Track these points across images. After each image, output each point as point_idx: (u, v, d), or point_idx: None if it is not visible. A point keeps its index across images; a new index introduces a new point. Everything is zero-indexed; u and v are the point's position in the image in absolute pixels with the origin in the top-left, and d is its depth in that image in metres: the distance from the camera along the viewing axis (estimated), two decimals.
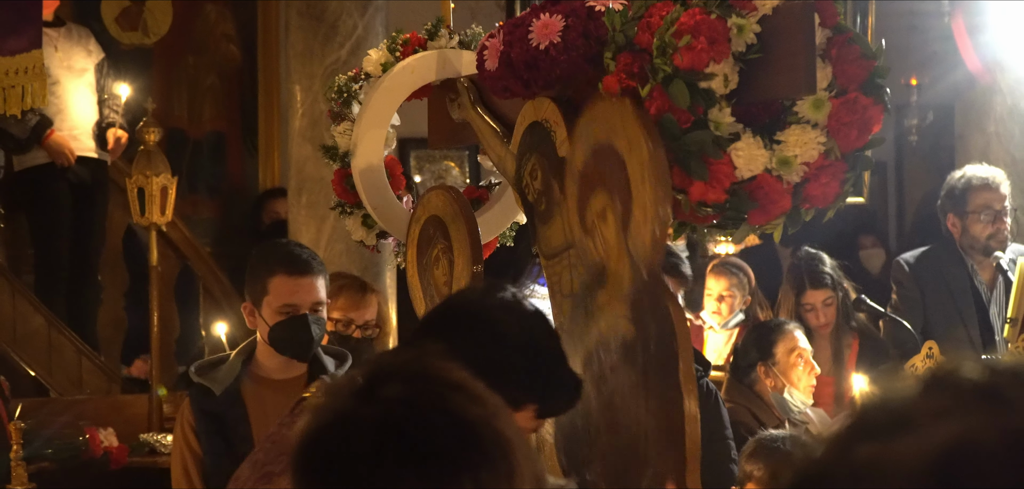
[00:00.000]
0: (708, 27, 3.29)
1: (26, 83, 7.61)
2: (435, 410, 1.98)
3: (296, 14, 7.92)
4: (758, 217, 3.37)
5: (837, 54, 3.40)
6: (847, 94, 3.39)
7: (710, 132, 3.30)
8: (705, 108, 3.31)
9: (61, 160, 8.90)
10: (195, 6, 11.60)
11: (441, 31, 4.86)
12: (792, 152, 3.34)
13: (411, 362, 2.09)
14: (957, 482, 1.11)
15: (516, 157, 4.31)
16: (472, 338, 3.00)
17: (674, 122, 3.29)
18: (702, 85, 3.30)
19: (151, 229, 8.21)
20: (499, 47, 4.19)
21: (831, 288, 7.35)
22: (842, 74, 3.40)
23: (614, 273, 3.66)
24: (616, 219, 3.62)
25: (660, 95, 3.30)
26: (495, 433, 1.99)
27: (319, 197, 7.44)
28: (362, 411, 1.99)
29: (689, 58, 3.28)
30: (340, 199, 5.08)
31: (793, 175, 3.35)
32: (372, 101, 4.87)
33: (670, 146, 3.33)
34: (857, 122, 3.38)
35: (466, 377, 2.04)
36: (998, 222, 7.15)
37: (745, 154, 3.31)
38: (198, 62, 11.67)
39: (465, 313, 3.19)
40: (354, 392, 2.02)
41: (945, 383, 1.20)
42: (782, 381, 6.60)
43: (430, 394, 2.00)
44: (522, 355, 3.08)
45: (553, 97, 4.12)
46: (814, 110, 3.35)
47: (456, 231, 4.42)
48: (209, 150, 11.70)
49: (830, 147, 3.37)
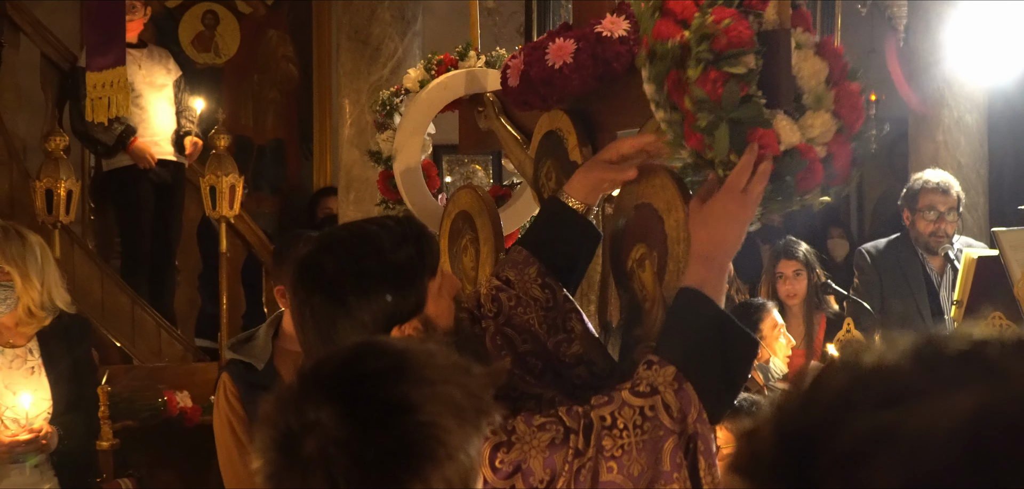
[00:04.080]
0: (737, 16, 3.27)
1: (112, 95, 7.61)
2: (370, 432, 1.80)
3: (346, 38, 7.90)
4: (806, 182, 3.31)
5: (828, 52, 3.39)
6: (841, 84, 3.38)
7: (758, 104, 3.25)
8: (747, 87, 3.26)
9: (143, 163, 8.91)
10: (259, 32, 11.61)
11: (470, 53, 4.84)
12: (814, 131, 3.31)
13: (340, 376, 1.87)
14: (989, 449, 1.01)
15: (534, 161, 4.29)
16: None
17: (736, 89, 3.22)
18: (744, 62, 3.26)
19: (221, 221, 8.21)
20: (520, 66, 4.17)
21: (802, 263, 7.39)
22: (835, 68, 3.38)
23: (648, 313, 3.65)
24: (652, 267, 3.61)
25: (714, 71, 3.25)
26: (423, 428, 1.80)
27: (365, 195, 7.42)
28: (301, 447, 1.80)
29: (729, 39, 3.24)
30: (383, 196, 5.06)
31: (820, 150, 3.32)
32: (411, 113, 4.85)
33: (727, 119, 3.27)
34: (855, 105, 3.38)
35: (389, 377, 1.84)
36: (940, 222, 7.14)
37: (786, 126, 3.27)
38: (262, 79, 11.68)
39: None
40: (287, 427, 1.81)
41: (936, 354, 1.10)
42: (767, 352, 6.58)
43: (362, 416, 1.81)
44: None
45: (566, 109, 4.09)
46: (816, 101, 3.32)
47: (482, 224, 4.39)
48: (271, 154, 11.70)
49: (842, 126, 3.36)
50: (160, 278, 9.35)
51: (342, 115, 7.96)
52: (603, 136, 4.04)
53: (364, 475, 1.77)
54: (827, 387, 1.12)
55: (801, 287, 7.39)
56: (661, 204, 3.58)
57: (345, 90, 7.92)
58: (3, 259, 5.43)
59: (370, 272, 2.77)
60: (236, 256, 9.27)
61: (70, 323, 5.72)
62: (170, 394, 7.75)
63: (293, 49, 11.67)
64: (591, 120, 4.05)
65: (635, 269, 3.70)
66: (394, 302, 2.77)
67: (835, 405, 1.09)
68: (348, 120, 7.84)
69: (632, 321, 3.74)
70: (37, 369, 5.59)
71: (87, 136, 8.90)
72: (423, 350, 1.88)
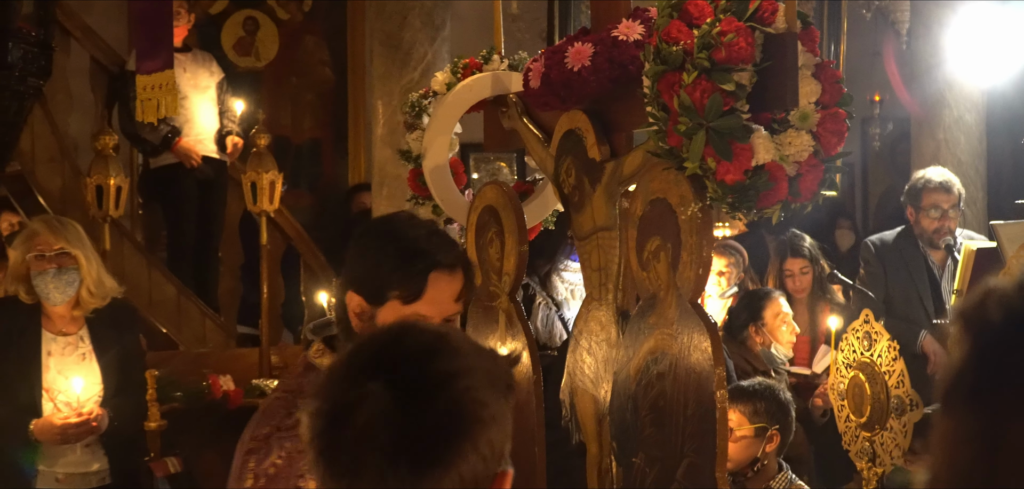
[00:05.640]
0: (744, 31, 3.27)
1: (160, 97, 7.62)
2: (419, 400, 1.79)
3: (378, 44, 7.90)
4: (767, 200, 3.32)
5: (825, 76, 3.38)
6: (829, 108, 3.36)
7: (739, 118, 3.26)
8: (734, 101, 3.27)
9: (188, 162, 8.94)
10: (297, 37, 11.63)
11: (494, 57, 4.83)
12: (791, 150, 3.31)
13: (386, 353, 1.86)
14: None
15: (554, 158, 4.29)
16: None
17: (719, 102, 3.24)
18: (735, 78, 3.27)
19: (262, 216, 8.23)
20: (541, 70, 4.16)
21: (808, 259, 7.37)
22: (827, 92, 3.37)
23: (663, 301, 3.65)
24: (667, 258, 3.61)
25: (704, 82, 3.26)
26: (467, 393, 1.81)
27: (397, 191, 7.41)
28: (353, 418, 1.78)
29: (729, 53, 3.24)
30: (414, 192, 5.06)
31: (790, 169, 3.32)
32: (439, 113, 4.85)
33: (707, 128, 3.28)
34: (837, 131, 3.35)
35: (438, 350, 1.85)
36: (943, 220, 7.11)
37: (762, 143, 3.28)
38: (300, 82, 11.70)
39: None
40: (337, 401, 1.81)
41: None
42: (769, 338, 6.56)
43: (411, 388, 1.80)
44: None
45: (584, 109, 4.09)
46: (801, 120, 3.32)
47: (506, 218, 4.39)
48: (308, 153, 11.72)
49: (817, 149, 3.34)
50: (204, 269, 9.39)
51: (375, 115, 7.96)
52: (619, 135, 4.04)
53: (415, 441, 1.77)
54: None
55: (807, 281, 7.39)
56: (675, 199, 3.59)
57: (378, 92, 7.92)
58: (68, 244, 5.48)
59: None
60: (276, 248, 9.29)
61: (119, 312, 5.75)
62: (214, 378, 7.77)
63: (328, 54, 11.68)
64: (608, 120, 4.05)
65: (650, 260, 3.70)
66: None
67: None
68: (381, 120, 7.84)
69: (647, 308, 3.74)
70: (88, 355, 5.62)
71: (135, 136, 8.94)
72: (455, 330, 1.90)
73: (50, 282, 5.47)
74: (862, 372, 4.41)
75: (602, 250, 4.04)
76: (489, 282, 4.45)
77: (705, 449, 3.49)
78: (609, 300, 4.01)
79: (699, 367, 3.49)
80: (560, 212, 4.70)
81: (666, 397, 3.63)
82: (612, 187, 3.98)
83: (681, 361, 3.57)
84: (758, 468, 4.78)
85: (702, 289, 3.65)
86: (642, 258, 3.74)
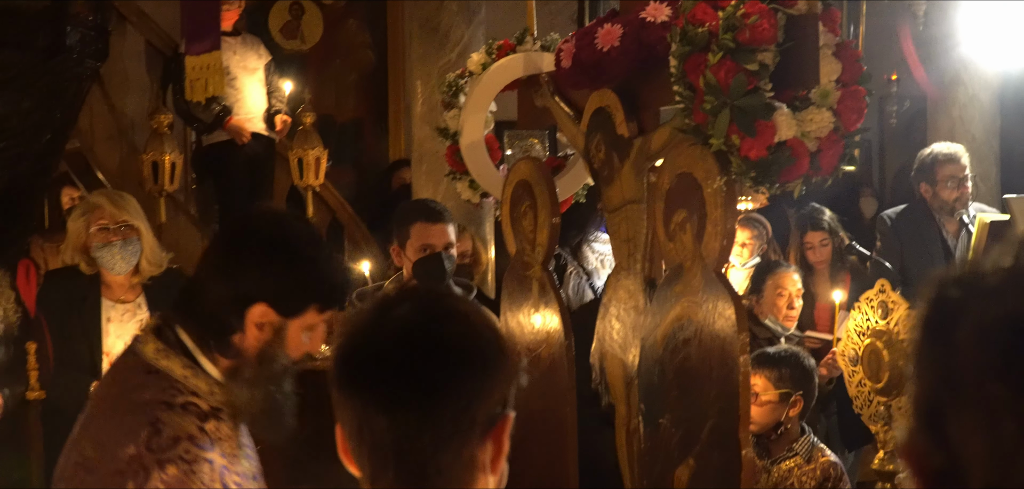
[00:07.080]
0: (767, 13, 3.26)
1: (208, 77, 7.67)
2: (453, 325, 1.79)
3: (417, 27, 7.90)
4: (789, 174, 3.31)
5: (845, 55, 3.36)
6: (849, 86, 3.35)
7: (763, 96, 3.26)
8: (757, 80, 3.26)
9: (239, 139, 8.98)
10: (340, 21, 11.65)
11: (527, 38, 4.83)
12: (812, 126, 3.30)
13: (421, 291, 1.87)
14: None
15: (585, 135, 4.28)
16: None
17: (743, 81, 3.23)
18: (759, 58, 3.26)
19: (308, 190, 8.27)
20: (572, 50, 4.16)
21: (827, 231, 7.33)
22: (847, 70, 3.36)
23: (689, 271, 3.65)
24: (693, 230, 3.61)
25: (729, 62, 3.25)
26: (501, 340, 1.82)
27: (435, 166, 7.42)
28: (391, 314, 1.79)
29: (753, 34, 3.23)
30: (451, 168, 5.08)
31: (811, 144, 3.31)
32: (475, 93, 4.86)
33: (731, 106, 3.27)
34: (857, 108, 3.34)
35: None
36: (961, 188, 7.07)
37: (784, 121, 3.27)
38: (343, 64, 11.73)
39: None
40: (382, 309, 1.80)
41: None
42: (765, 310, 6.53)
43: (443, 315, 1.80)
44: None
45: (614, 88, 4.09)
46: (822, 97, 3.30)
47: (539, 192, 4.40)
48: (351, 131, 11.76)
49: (838, 125, 3.33)
50: None
51: (414, 95, 7.97)
52: (646, 113, 4.04)
53: (433, 352, 1.76)
54: None
55: (827, 253, 7.35)
56: (701, 174, 3.58)
57: (417, 73, 7.93)
58: (131, 217, 5.53)
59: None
60: (321, 220, 9.33)
61: (174, 280, 5.78)
62: None
63: (370, 37, 11.70)
64: (636, 98, 4.04)
65: (677, 232, 3.70)
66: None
67: None
68: (420, 99, 7.84)
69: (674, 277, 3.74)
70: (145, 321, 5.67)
71: (188, 114, 8.98)
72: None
73: (117, 253, 5.52)
74: (879, 340, 4.38)
75: (630, 222, 4.04)
76: (523, 252, 4.45)
77: (729, 411, 3.49)
78: (637, 269, 4.01)
79: (723, 333, 3.49)
80: (590, 186, 4.70)
81: (692, 362, 3.64)
82: (640, 162, 3.98)
83: (706, 328, 3.57)
84: (781, 431, 4.78)
85: (726, 259, 3.65)
86: (669, 230, 3.74)
